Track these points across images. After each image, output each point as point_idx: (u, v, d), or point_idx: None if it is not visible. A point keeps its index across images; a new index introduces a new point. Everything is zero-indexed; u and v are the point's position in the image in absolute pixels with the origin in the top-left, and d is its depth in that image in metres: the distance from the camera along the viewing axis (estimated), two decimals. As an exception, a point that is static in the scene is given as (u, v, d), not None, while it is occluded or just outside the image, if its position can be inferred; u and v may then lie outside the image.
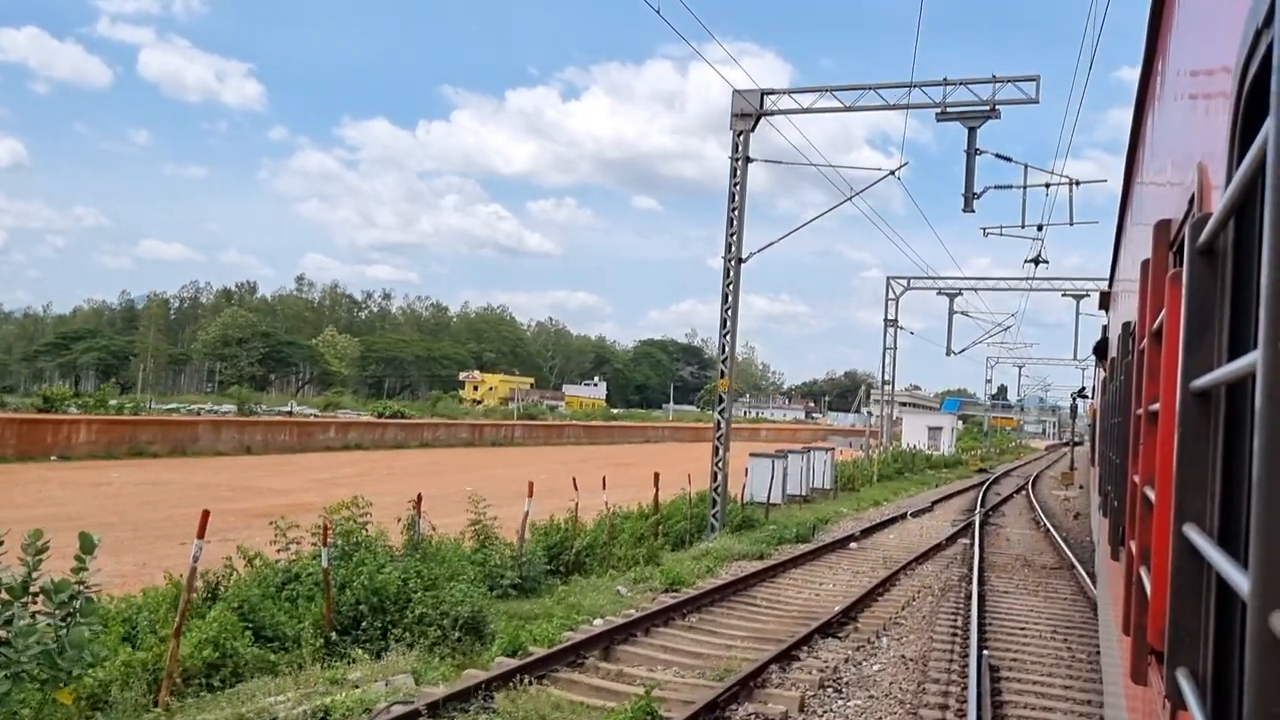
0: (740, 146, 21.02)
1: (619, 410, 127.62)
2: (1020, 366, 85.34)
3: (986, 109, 19.59)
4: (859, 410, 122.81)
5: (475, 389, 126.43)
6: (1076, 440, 51.49)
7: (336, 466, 37.25)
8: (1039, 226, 26.91)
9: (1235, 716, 1.40)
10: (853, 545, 20.00)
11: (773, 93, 21.31)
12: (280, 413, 63.55)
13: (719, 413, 21.40)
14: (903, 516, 26.07)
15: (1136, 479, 3.17)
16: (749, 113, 20.93)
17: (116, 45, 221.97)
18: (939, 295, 47.91)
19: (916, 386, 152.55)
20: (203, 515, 8.68)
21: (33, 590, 6.71)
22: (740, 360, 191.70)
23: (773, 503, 24.54)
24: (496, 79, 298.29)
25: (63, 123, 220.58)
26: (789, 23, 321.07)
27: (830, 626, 11.95)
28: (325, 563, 10.18)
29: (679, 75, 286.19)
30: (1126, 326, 4.73)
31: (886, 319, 48.66)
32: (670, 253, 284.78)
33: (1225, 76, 1.58)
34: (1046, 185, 23.72)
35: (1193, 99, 2.37)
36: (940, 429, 69.41)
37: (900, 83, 20.20)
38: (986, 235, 29.24)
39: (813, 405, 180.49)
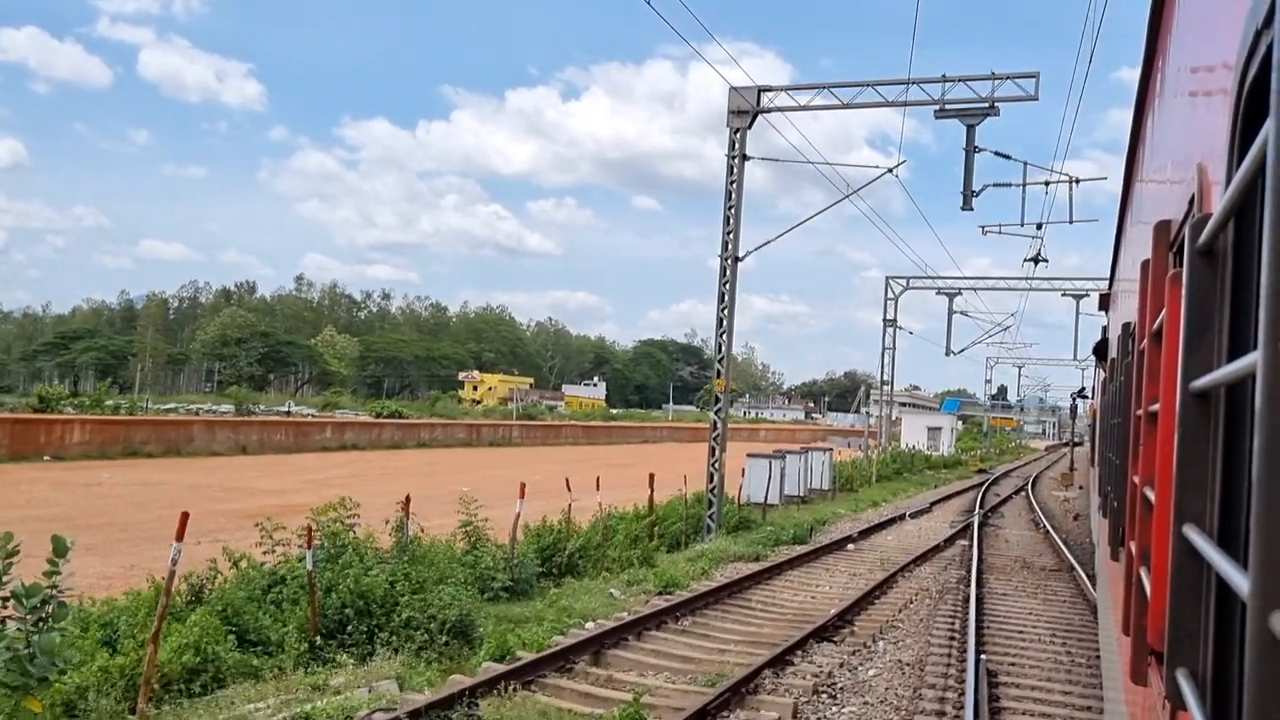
0: (737, 144, 20.82)
1: (618, 410, 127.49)
2: (1020, 367, 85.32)
3: (985, 106, 19.39)
4: (859, 411, 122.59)
5: (474, 389, 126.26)
6: (1076, 441, 51.34)
7: (331, 467, 37.06)
8: (1038, 225, 26.78)
9: (1235, 717, 1.41)
10: (850, 547, 19.82)
11: (770, 89, 21.10)
12: (278, 413, 63.40)
13: (715, 413, 21.22)
14: (901, 518, 25.89)
15: (1136, 479, 3.20)
16: (746, 110, 20.74)
17: (116, 45, 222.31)
18: (938, 295, 47.77)
19: (916, 387, 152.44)
20: (181, 517, 8.48)
21: (2, 595, 6.52)
22: (740, 360, 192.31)
23: (770, 504, 24.36)
24: (496, 79, 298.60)
25: (63, 123, 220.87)
26: (789, 23, 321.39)
27: (826, 630, 11.77)
28: (310, 565, 9.99)
29: (679, 75, 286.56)
30: (1126, 327, 4.76)
31: (885, 319, 48.51)
32: (670, 253, 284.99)
33: (1225, 77, 1.60)
34: (1046, 183, 23.55)
35: (1193, 99, 2.39)
36: (940, 429, 69.24)
37: (898, 79, 20.00)
38: (985, 233, 29.11)
39: (812, 406, 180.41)
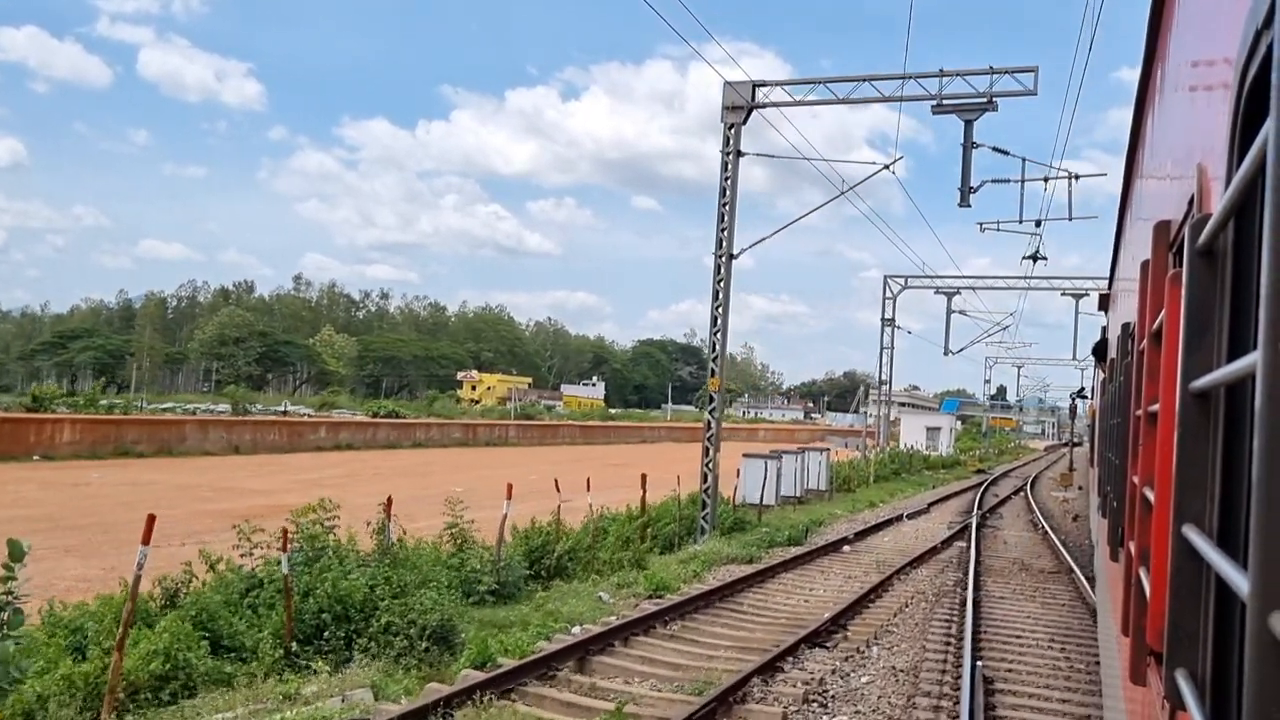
0: (732, 140, 20.52)
1: (617, 410, 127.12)
2: (1019, 367, 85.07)
3: (983, 101, 19.08)
4: (858, 411, 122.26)
5: (473, 389, 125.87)
6: (1076, 441, 51.07)
7: (325, 467, 36.76)
8: (1037, 222, 26.51)
9: (1234, 718, 1.40)
10: (846, 548, 19.52)
11: (765, 84, 20.78)
12: (275, 412, 63.06)
13: (709, 412, 20.92)
14: (898, 519, 25.58)
15: (1136, 480, 3.19)
16: (740, 105, 20.44)
17: (116, 45, 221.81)
18: (936, 294, 47.44)
19: (915, 387, 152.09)
20: (148, 520, 8.20)
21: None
22: (739, 360, 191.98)
23: (766, 504, 24.06)
24: (496, 79, 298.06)
25: (62, 122, 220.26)
26: (789, 23, 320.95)
27: (819, 635, 11.47)
28: (285, 569, 9.70)
29: (678, 75, 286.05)
30: (1126, 327, 4.75)
31: (884, 318, 48.18)
32: (670, 253, 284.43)
33: (1225, 76, 1.59)
34: (1045, 179, 23.26)
35: (1193, 99, 2.38)
36: (939, 429, 68.90)
37: (895, 74, 19.69)
38: (984, 231, 28.81)
39: (811, 405, 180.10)
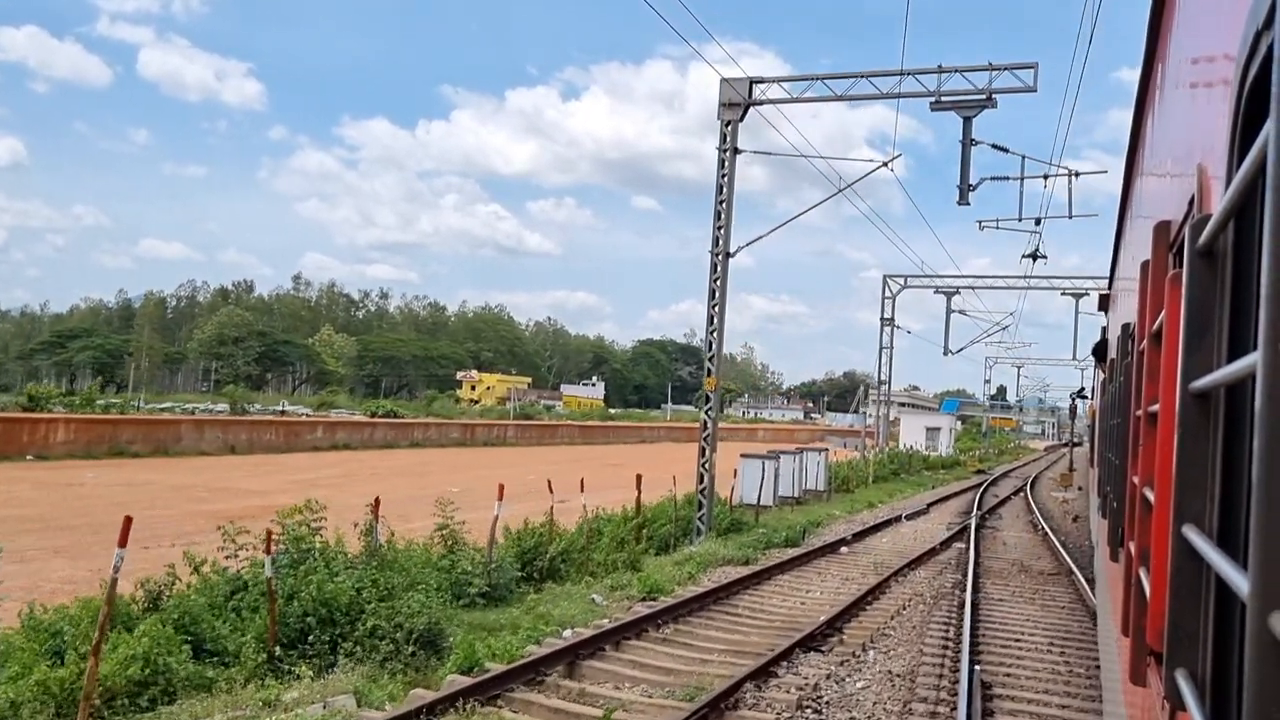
0: (729, 137, 20.33)
1: (617, 410, 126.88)
2: (1019, 367, 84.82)
3: (982, 98, 18.87)
4: (858, 411, 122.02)
5: (472, 389, 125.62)
6: (1076, 441, 50.87)
7: (321, 467, 36.57)
8: (1037, 220, 26.29)
9: (1235, 718, 1.40)
10: (844, 550, 19.33)
11: (762, 81, 20.58)
12: (273, 412, 62.87)
13: (705, 412, 20.72)
14: (897, 519, 25.37)
15: (1136, 480, 3.19)
16: (737, 102, 20.24)
17: (116, 44, 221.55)
18: (936, 294, 47.24)
19: (915, 387, 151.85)
20: (125, 521, 8.00)
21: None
22: (739, 360, 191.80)
23: (763, 505, 23.86)
24: (496, 79, 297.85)
25: (62, 122, 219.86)
26: (789, 23, 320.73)
27: (814, 639, 11.27)
28: (269, 572, 9.51)
29: (678, 75, 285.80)
30: (1126, 328, 4.73)
31: (883, 318, 47.99)
32: (670, 253, 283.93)
33: (1225, 77, 1.58)
34: (1045, 177, 23.03)
35: (1193, 99, 2.38)
36: (938, 429, 68.67)
37: (893, 70, 19.49)
38: (983, 229, 28.60)
39: (811, 405, 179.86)
